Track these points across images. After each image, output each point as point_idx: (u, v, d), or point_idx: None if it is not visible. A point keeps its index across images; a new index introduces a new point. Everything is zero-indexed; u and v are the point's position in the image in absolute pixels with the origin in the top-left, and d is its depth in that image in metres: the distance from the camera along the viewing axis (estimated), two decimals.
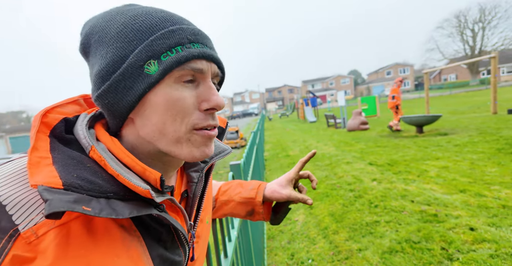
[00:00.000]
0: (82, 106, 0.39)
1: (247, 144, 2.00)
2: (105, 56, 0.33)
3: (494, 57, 8.08)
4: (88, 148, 0.32)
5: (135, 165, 0.34)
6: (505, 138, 4.73)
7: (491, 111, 8.10)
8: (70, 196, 0.26)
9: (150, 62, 0.31)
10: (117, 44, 0.32)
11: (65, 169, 0.28)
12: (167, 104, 0.33)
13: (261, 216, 0.63)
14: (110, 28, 0.33)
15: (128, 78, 0.32)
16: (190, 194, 0.44)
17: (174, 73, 0.33)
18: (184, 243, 0.40)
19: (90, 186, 0.28)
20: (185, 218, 0.41)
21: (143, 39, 0.32)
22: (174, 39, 0.33)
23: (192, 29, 0.35)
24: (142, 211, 0.31)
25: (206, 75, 0.35)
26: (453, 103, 14.05)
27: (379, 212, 2.63)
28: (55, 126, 0.32)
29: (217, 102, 0.35)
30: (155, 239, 0.35)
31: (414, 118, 6.37)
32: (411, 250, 1.96)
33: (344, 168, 4.32)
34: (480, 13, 35.11)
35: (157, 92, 0.33)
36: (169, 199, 0.36)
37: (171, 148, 0.35)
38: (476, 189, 2.82)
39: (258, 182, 0.66)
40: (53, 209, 0.23)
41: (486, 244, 1.89)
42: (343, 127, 9.66)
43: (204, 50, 0.34)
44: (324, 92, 50.39)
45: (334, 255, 2.09)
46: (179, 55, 0.32)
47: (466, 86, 32.84)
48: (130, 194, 0.31)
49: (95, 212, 0.26)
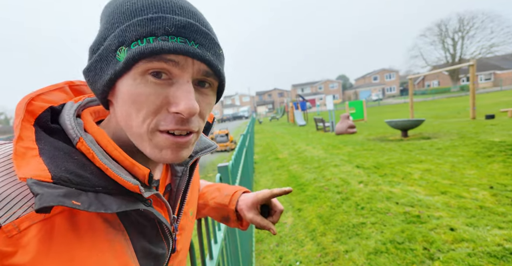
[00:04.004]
0: (68, 94, 0.37)
1: (237, 146, 2.00)
2: (98, 34, 0.32)
3: (473, 65, 8.52)
4: (76, 139, 0.31)
5: (123, 159, 0.33)
6: (482, 142, 4.97)
7: (470, 117, 8.50)
8: (59, 190, 0.25)
9: (122, 48, 0.30)
10: (106, 25, 0.31)
11: (53, 161, 0.27)
12: (130, 97, 0.31)
13: (236, 224, 0.61)
14: (109, 7, 0.32)
15: (103, 60, 0.31)
16: (174, 188, 0.44)
17: (141, 65, 0.30)
18: (168, 236, 0.40)
19: (79, 179, 0.28)
20: (168, 211, 0.40)
21: (122, 23, 0.30)
22: (147, 28, 0.29)
23: (178, 20, 0.30)
24: (130, 206, 0.30)
25: (184, 72, 0.31)
26: (436, 109, 14.64)
27: (365, 214, 2.69)
28: (41, 115, 0.31)
29: (187, 107, 0.30)
30: (140, 233, 0.35)
31: (399, 122, 6.58)
32: (395, 251, 2.01)
33: (332, 171, 4.39)
34: (459, 23, 36.97)
35: (123, 81, 0.31)
36: (155, 194, 0.36)
37: (136, 141, 0.33)
38: (456, 191, 2.94)
39: (236, 188, 0.63)
40: (44, 203, 0.23)
41: (465, 244, 1.97)
42: (331, 131, 9.83)
43: (183, 45, 0.30)
44: (313, 96, 51.21)
45: (321, 257, 2.11)
46: (147, 46, 0.29)
47: (448, 92, 34.33)
48: (117, 188, 0.31)
49: (84, 207, 0.26)
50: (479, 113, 9.11)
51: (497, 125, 6.43)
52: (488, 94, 21.53)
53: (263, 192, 0.58)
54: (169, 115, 0.32)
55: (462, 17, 36.57)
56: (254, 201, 0.57)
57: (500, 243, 1.92)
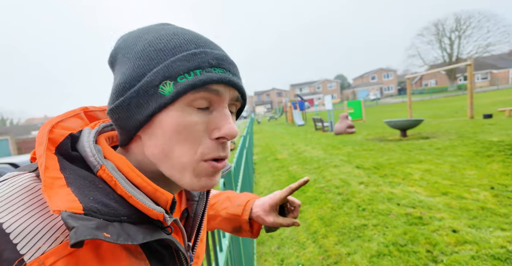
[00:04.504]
0: (84, 120, 0.37)
1: (237, 148, 1.98)
2: (125, 72, 0.33)
3: (470, 65, 8.56)
4: (97, 166, 0.31)
5: (146, 185, 0.32)
6: (481, 141, 4.99)
7: (468, 116, 8.55)
8: (92, 222, 0.24)
9: (166, 82, 0.31)
10: (139, 62, 0.32)
11: (80, 191, 0.27)
12: (176, 128, 0.31)
13: (248, 233, 0.60)
14: (137, 45, 0.33)
15: (142, 96, 0.31)
16: (191, 213, 0.42)
17: (189, 96, 0.31)
18: (184, 264, 0.38)
19: (106, 209, 0.27)
20: (184, 238, 0.39)
21: (164, 59, 0.31)
22: (194, 62, 0.31)
23: (216, 54, 0.33)
24: (154, 236, 0.30)
25: (222, 100, 0.34)
26: (434, 108, 14.71)
27: (366, 216, 2.68)
28: (62, 143, 0.31)
29: (229, 131, 0.33)
30: (159, 262, 0.34)
31: (398, 122, 6.60)
32: (398, 253, 2.00)
33: (332, 171, 4.38)
34: (456, 23, 37.16)
35: (168, 113, 0.32)
36: (174, 221, 0.35)
37: (173, 172, 0.33)
38: (457, 192, 2.94)
39: (247, 197, 0.62)
40: (80, 237, 0.22)
41: (468, 246, 1.96)
42: (330, 130, 9.84)
43: (225, 75, 0.33)
44: (311, 96, 51.27)
45: (323, 259, 2.10)
46: (196, 78, 0.31)
47: (445, 91, 34.52)
48: (140, 217, 0.30)
49: (114, 239, 0.25)
50: (477, 113, 9.15)
51: (495, 125, 6.46)
52: (485, 94, 21.69)
53: (279, 192, 0.59)
54: (211, 143, 0.33)
55: (459, 16, 36.79)
56: (272, 203, 0.58)
57: (504, 245, 1.91)
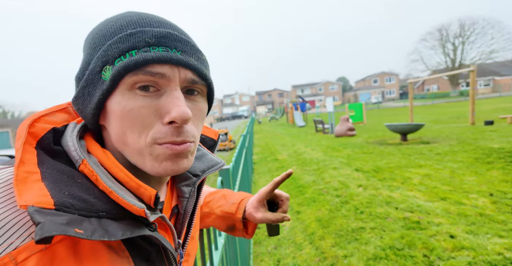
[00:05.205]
0: (71, 115, 0.36)
1: (237, 147, 1.97)
2: (81, 62, 0.33)
3: (473, 71, 8.55)
4: (78, 161, 0.30)
5: (129, 181, 0.32)
6: (481, 148, 4.98)
7: (469, 122, 8.52)
8: (62, 218, 0.24)
9: (106, 68, 0.30)
10: (87, 51, 0.32)
11: (55, 185, 0.26)
12: (122, 114, 0.30)
13: (242, 233, 0.59)
14: (90, 35, 0.33)
15: (90, 84, 0.31)
16: (181, 210, 0.42)
17: (127, 79, 0.29)
18: (172, 262, 0.37)
19: (82, 204, 0.26)
20: (173, 236, 0.38)
21: (103, 44, 0.31)
22: (128, 43, 0.29)
23: (156, 31, 0.30)
24: (135, 232, 0.29)
25: (170, 82, 0.31)
26: (435, 113, 14.69)
27: (364, 218, 2.67)
28: (43, 137, 0.30)
29: (179, 114, 0.29)
30: (144, 259, 0.33)
31: (399, 126, 6.59)
32: (394, 257, 1.99)
33: (331, 173, 4.37)
34: (460, 29, 37.17)
35: (112, 100, 0.31)
36: (160, 217, 0.34)
37: (134, 159, 0.32)
38: (455, 197, 2.93)
39: (242, 195, 0.61)
40: (46, 233, 0.21)
41: (465, 252, 1.96)
42: (331, 132, 9.83)
43: (166, 54, 0.30)
44: (313, 97, 51.25)
45: (320, 261, 2.09)
46: (130, 59, 0.29)
47: (447, 97, 34.49)
48: (122, 212, 0.30)
49: (87, 235, 0.24)
50: (478, 119, 9.14)
51: (496, 132, 6.45)
52: (487, 100, 21.66)
53: (264, 187, 0.57)
54: (163, 128, 0.31)
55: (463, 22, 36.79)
56: (258, 199, 0.56)
57: (501, 252, 1.90)
